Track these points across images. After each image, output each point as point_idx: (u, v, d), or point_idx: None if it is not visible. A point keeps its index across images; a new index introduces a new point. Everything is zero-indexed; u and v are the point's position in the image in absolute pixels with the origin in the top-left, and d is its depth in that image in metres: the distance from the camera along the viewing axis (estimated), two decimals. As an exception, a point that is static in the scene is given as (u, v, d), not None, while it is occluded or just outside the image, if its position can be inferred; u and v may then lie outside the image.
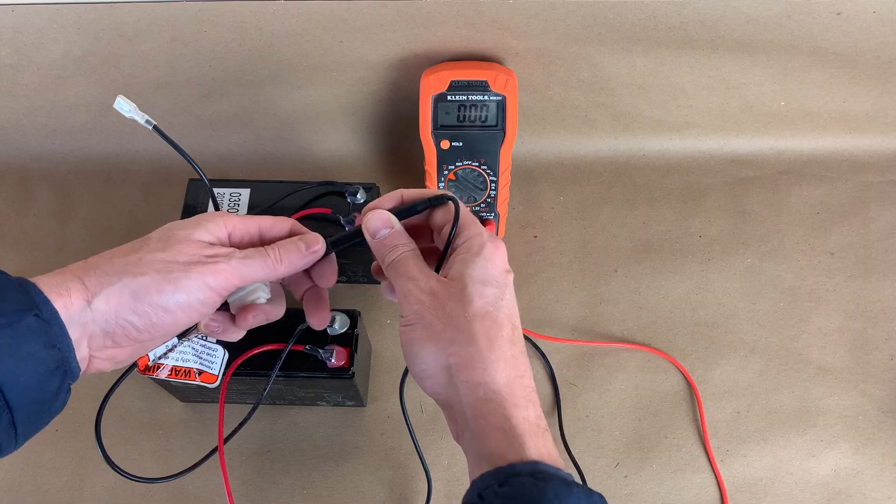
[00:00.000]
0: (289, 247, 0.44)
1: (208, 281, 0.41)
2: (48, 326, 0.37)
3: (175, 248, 0.42)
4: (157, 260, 0.41)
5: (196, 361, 0.55)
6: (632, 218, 0.76)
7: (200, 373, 0.55)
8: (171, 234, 0.43)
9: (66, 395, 0.40)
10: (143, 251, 0.42)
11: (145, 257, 0.41)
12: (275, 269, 0.44)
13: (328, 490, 0.64)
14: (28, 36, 0.68)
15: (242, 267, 0.43)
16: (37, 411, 0.38)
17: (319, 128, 0.78)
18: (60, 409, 0.40)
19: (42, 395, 0.38)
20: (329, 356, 0.58)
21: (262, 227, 0.46)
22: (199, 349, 0.54)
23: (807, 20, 0.65)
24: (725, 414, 0.66)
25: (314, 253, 0.45)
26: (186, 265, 0.41)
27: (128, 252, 0.42)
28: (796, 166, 0.79)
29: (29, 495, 0.64)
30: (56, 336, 0.38)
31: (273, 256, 0.44)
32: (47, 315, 0.38)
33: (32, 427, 0.39)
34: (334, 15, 0.65)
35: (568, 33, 0.66)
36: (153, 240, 0.43)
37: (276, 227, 0.47)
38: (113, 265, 0.41)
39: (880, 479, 0.63)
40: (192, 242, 0.43)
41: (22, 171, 0.80)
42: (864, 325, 0.70)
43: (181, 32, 0.67)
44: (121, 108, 0.50)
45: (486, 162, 0.67)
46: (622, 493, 0.63)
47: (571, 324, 0.71)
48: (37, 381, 0.37)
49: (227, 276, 0.42)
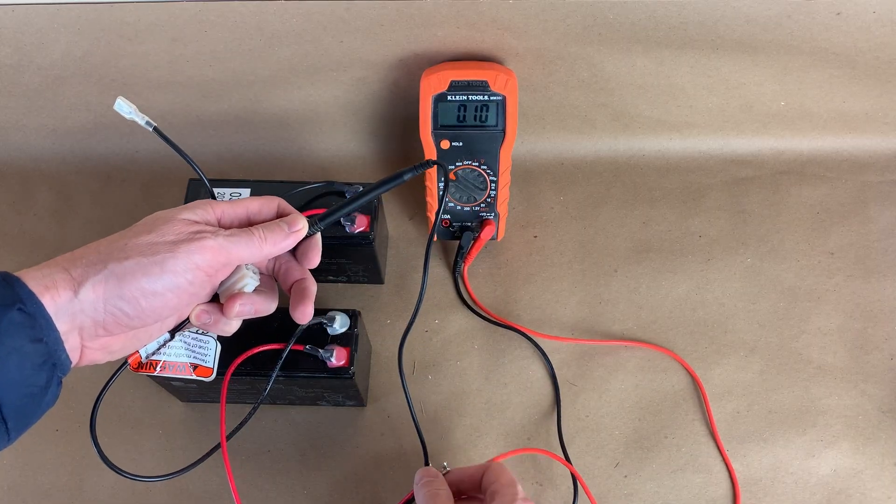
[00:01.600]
0: (273, 227, 0.46)
1: (195, 259, 0.42)
2: (33, 320, 0.37)
3: (161, 228, 0.43)
4: (143, 243, 0.41)
5: (189, 356, 0.54)
6: (631, 218, 0.76)
7: (195, 367, 0.54)
8: (156, 217, 0.44)
9: (56, 389, 0.40)
10: (128, 236, 0.42)
11: (130, 242, 0.41)
12: (260, 247, 0.45)
13: (328, 490, 0.64)
14: (28, 36, 0.68)
15: (228, 244, 0.43)
16: (26, 406, 0.38)
17: (319, 128, 0.78)
18: (52, 402, 0.40)
19: (30, 389, 0.38)
20: (329, 356, 0.58)
21: (251, 211, 0.47)
22: (191, 343, 0.54)
23: (807, 20, 0.65)
24: (725, 414, 0.66)
25: (297, 232, 0.47)
26: (172, 244, 0.42)
27: (113, 240, 0.42)
28: (796, 166, 0.79)
29: (29, 495, 0.64)
30: (42, 330, 0.38)
31: (258, 235, 0.45)
32: (32, 309, 0.37)
33: (23, 422, 0.39)
34: (334, 15, 0.65)
35: (568, 33, 0.66)
36: (139, 225, 0.43)
37: (264, 211, 0.48)
38: (98, 253, 0.41)
39: (880, 479, 0.63)
40: (177, 221, 0.43)
41: (22, 171, 0.80)
42: (864, 325, 0.70)
43: (181, 32, 0.67)
44: (121, 110, 0.50)
45: (486, 162, 0.67)
46: (622, 493, 0.63)
47: (571, 323, 0.71)
48: (23, 376, 0.37)
49: (213, 254, 0.43)
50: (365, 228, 0.64)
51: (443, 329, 0.71)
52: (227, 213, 0.46)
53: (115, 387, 0.68)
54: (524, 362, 0.69)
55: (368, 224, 0.64)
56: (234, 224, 0.47)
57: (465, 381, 0.68)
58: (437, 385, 0.68)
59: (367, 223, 0.64)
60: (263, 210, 0.48)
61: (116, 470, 0.51)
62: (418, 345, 0.70)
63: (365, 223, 0.64)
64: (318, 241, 0.50)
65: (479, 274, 0.73)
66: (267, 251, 0.45)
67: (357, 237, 0.64)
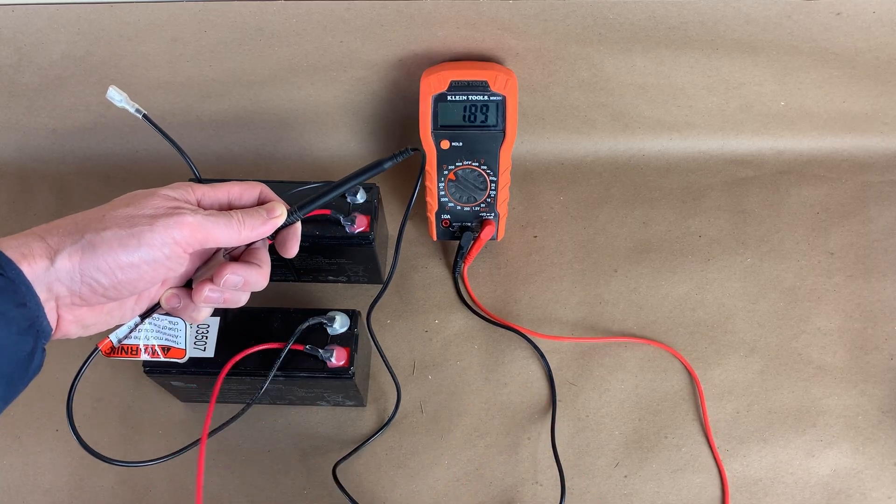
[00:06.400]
0: (252, 212, 0.46)
1: (173, 234, 0.42)
2: (14, 285, 0.37)
3: (140, 202, 0.42)
4: (121, 215, 0.41)
5: (160, 338, 0.54)
6: (631, 218, 0.76)
7: (167, 349, 0.54)
8: (136, 194, 0.44)
9: (41, 356, 0.40)
10: (106, 209, 0.42)
11: (109, 214, 0.41)
12: (238, 230, 0.45)
13: (328, 490, 0.64)
14: (28, 36, 0.68)
15: (206, 223, 0.43)
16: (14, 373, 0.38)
17: (319, 128, 0.78)
18: (37, 370, 0.40)
19: (18, 354, 0.38)
20: (329, 356, 0.58)
21: (232, 195, 0.47)
22: (161, 325, 0.53)
23: (807, 20, 0.65)
24: (725, 414, 0.66)
25: (275, 219, 0.47)
26: (151, 217, 0.41)
27: (91, 212, 0.42)
28: (796, 166, 0.79)
29: (29, 495, 0.64)
30: (24, 294, 0.38)
31: (237, 219, 0.45)
32: (11, 274, 0.37)
33: (11, 389, 0.39)
34: (334, 15, 0.65)
35: (568, 33, 0.66)
36: (118, 200, 0.43)
37: (245, 196, 0.48)
38: (76, 224, 0.41)
39: (880, 479, 0.63)
40: (157, 196, 0.43)
41: (22, 171, 0.80)
42: (864, 325, 0.70)
43: (181, 32, 0.67)
44: (112, 98, 0.51)
45: (486, 162, 0.67)
46: (622, 493, 0.63)
47: (571, 323, 0.71)
48: (11, 342, 0.37)
49: (191, 230, 0.42)
50: (365, 229, 0.64)
51: (443, 329, 0.71)
52: (207, 195, 0.46)
53: (115, 387, 0.68)
54: (524, 362, 0.69)
55: (368, 224, 0.64)
56: (214, 207, 0.47)
57: (464, 381, 0.68)
58: (437, 385, 0.68)
59: (367, 223, 0.64)
60: (245, 195, 0.48)
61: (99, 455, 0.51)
62: (418, 345, 0.70)
63: (365, 223, 0.64)
64: (298, 231, 0.50)
65: (479, 274, 0.73)
66: (245, 236, 0.45)
67: (357, 237, 0.64)
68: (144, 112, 0.52)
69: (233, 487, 0.64)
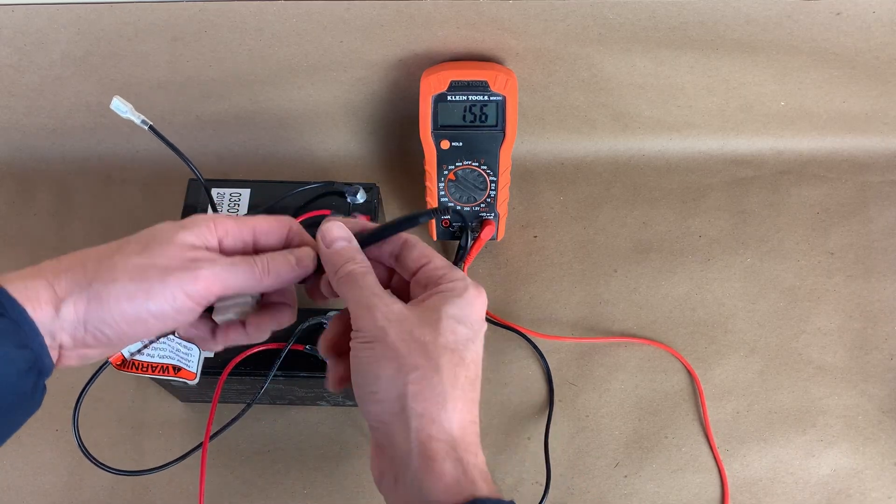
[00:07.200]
0: (278, 259, 0.42)
1: (187, 289, 0.39)
2: (17, 327, 0.36)
3: (155, 250, 0.39)
4: (132, 265, 0.39)
5: (174, 358, 0.53)
6: (631, 218, 0.76)
7: (178, 369, 0.54)
8: (153, 236, 0.40)
9: (41, 393, 0.39)
10: (118, 254, 0.39)
11: (120, 262, 0.39)
12: (260, 280, 0.41)
13: (328, 490, 0.64)
14: (28, 36, 0.68)
15: (225, 274, 0.40)
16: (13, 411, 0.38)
17: (319, 128, 0.78)
18: (37, 407, 0.39)
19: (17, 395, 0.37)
20: (329, 356, 0.58)
21: (258, 232, 0.43)
22: (175, 346, 0.53)
23: (807, 20, 0.65)
24: (725, 414, 0.66)
25: (304, 268, 0.42)
26: (164, 270, 0.38)
27: (102, 255, 0.40)
28: (796, 166, 0.79)
29: (29, 495, 0.64)
30: (26, 336, 0.37)
31: (260, 266, 0.41)
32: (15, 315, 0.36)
33: (9, 427, 0.38)
34: (334, 15, 0.65)
35: (568, 33, 0.66)
36: (132, 241, 0.40)
37: (272, 234, 0.43)
38: (85, 269, 0.39)
39: (880, 479, 0.63)
40: (174, 245, 0.40)
41: (22, 171, 0.80)
42: (864, 325, 0.70)
43: (181, 32, 0.67)
44: (118, 109, 0.50)
45: (486, 162, 0.67)
46: (622, 493, 0.63)
47: (571, 323, 0.71)
48: (12, 382, 0.36)
49: (207, 284, 0.39)
50: None
51: (443, 329, 0.71)
52: (231, 233, 0.42)
53: (115, 387, 0.68)
54: (524, 362, 0.69)
55: None
56: (238, 247, 0.42)
57: (465, 381, 0.68)
58: (437, 385, 0.68)
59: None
60: (273, 233, 0.43)
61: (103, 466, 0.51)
62: (418, 345, 0.70)
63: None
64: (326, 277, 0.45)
65: (479, 274, 0.73)
66: (267, 284, 0.41)
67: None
68: (151, 123, 0.52)
69: (233, 487, 0.64)
